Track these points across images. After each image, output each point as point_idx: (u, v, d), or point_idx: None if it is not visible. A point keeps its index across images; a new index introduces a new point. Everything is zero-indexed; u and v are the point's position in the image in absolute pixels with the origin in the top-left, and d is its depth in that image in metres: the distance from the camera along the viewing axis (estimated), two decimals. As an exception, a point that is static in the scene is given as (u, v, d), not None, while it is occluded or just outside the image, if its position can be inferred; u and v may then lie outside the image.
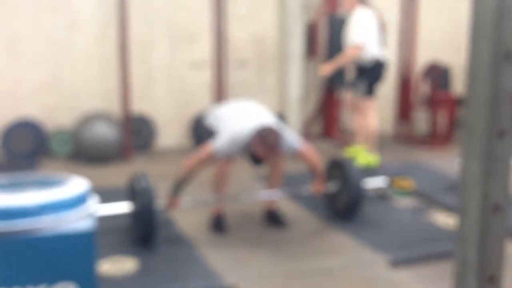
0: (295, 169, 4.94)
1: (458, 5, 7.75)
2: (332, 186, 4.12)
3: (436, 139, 6.76)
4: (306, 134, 7.25)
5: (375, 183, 4.55)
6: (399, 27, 7.14)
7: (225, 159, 3.73)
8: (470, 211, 1.10)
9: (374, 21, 5.55)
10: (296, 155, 3.84)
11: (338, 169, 4.13)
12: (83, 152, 5.87)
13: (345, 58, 5.56)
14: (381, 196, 4.68)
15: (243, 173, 5.23)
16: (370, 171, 5.15)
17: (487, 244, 1.09)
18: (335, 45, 6.94)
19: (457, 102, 6.82)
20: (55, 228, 2.13)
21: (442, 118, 6.86)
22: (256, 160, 4.02)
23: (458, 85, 7.33)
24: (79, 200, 2.26)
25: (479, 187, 1.07)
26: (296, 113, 7.05)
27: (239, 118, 3.76)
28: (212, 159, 3.69)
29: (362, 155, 5.70)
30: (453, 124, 6.80)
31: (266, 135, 3.50)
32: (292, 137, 3.80)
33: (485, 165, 1.07)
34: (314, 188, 3.98)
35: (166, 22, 6.49)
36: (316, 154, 3.91)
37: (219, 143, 3.64)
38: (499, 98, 1.05)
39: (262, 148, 3.52)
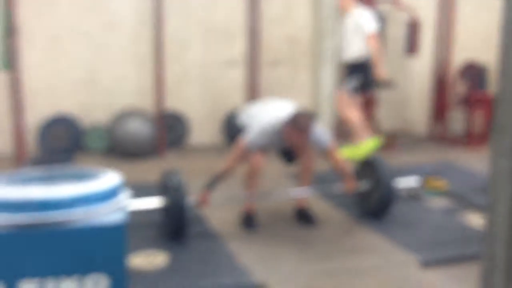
0: (326, 168, 4.91)
1: (496, 4, 7.56)
2: (363, 185, 4.08)
3: (472, 139, 6.62)
4: (339, 133, 7.20)
5: (407, 182, 4.48)
6: (436, 26, 7.01)
7: (257, 153, 3.73)
8: (498, 208, 1.07)
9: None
10: (326, 151, 3.83)
11: (369, 167, 4.09)
12: (118, 148, 5.97)
13: (376, 51, 5.49)
14: (413, 196, 4.61)
15: (275, 171, 5.23)
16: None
17: (517, 242, 1.06)
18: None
19: (494, 102, 6.67)
20: (87, 220, 2.17)
21: (479, 118, 6.71)
22: (289, 156, 4.03)
23: (496, 85, 7.17)
24: (111, 194, 2.30)
25: (508, 184, 1.05)
26: (329, 112, 7.01)
27: (270, 112, 3.81)
28: (246, 153, 3.71)
29: (362, 147, 5.62)
30: (489, 124, 6.64)
31: (298, 118, 3.55)
32: (324, 132, 3.82)
33: (515, 162, 1.04)
34: (346, 186, 3.95)
35: (201, 21, 6.54)
36: (340, 156, 3.91)
37: (250, 135, 3.69)
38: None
39: (294, 132, 3.55)
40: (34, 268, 2.13)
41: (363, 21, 5.47)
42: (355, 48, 5.53)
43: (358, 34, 5.48)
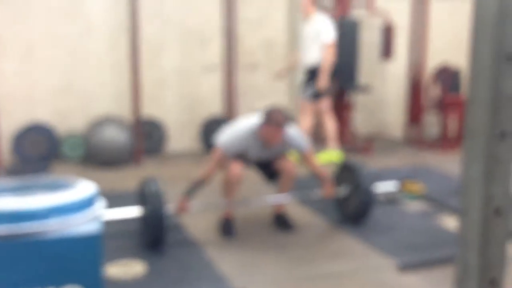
0: (304, 173, 4.92)
1: (467, 8, 7.69)
2: (342, 190, 4.10)
3: (446, 142, 6.70)
4: (316, 137, 7.23)
5: (385, 187, 4.52)
6: (410, 31, 7.10)
7: (235, 163, 3.72)
8: (471, 214, 1.08)
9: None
10: (303, 155, 3.84)
11: (348, 173, 4.10)
12: (94, 156, 5.90)
13: (329, 61, 5.57)
14: (390, 200, 4.65)
15: (254, 177, 5.22)
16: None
17: (489, 247, 1.07)
18: (346, 48, 6.92)
19: (465, 107, 6.77)
20: (62, 231, 2.14)
21: (453, 121, 6.80)
22: (269, 172, 4.00)
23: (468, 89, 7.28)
24: (86, 203, 2.26)
25: (481, 190, 1.06)
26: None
27: (243, 121, 3.86)
28: (223, 158, 3.69)
29: (328, 154, 5.75)
30: (463, 127, 6.74)
31: (272, 113, 3.59)
32: (301, 136, 3.83)
33: (486, 167, 1.05)
34: (324, 191, 3.96)
35: (177, 26, 6.51)
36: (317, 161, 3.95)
37: (225, 140, 3.71)
38: (500, 100, 1.03)
39: (269, 129, 3.57)
40: (8, 280, 2.08)
41: (323, 29, 5.56)
42: (314, 54, 5.63)
43: (317, 41, 5.56)
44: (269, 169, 4.00)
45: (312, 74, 5.71)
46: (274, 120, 3.56)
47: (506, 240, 1.13)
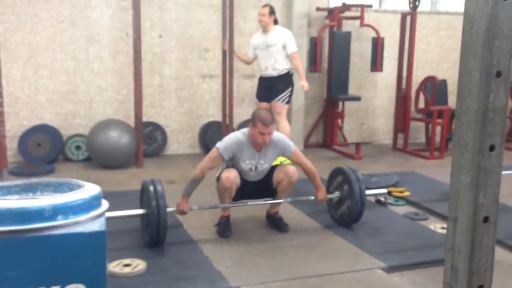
0: (299, 176, 4.91)
1: (453, 22, 7.75)
2: (334, 194, 4.09)
3: (432, 150, 6.72)
4: (308, 143, 7.24)
5: (375, 192, 4.52)
6: (399, 43, 7.14)
7: (230, 170, 3.70)
8: (460, 222, 1.08)
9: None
10: (294, 156, 3.83)
11: (341, 177, 4.10)
12: (97, 158, 5.88)
13: (301, 67, 5.79)
14: (380, 204, 4.65)
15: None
16: None
17: (478, 254, 1.07)
18: (337, 59, 6.95)
19: (455, 120, 6.79)
20: (67, 231, 2.12)
21: (439, 130, 6.82)
22: (269, 191, 3.97)
23: (455, 99, 7.31)
24: (90, 204, 2.25)
25: (470, 200, 1.06)
26: (299, 123, 7.05)
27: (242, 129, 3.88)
28: (218, 159, 3.69)
29: None
30: (448, 136, 6.76)
31: (258, 114, 3.68)
32: (287, 139, 3.87)
33: (475, 178, 1.05)
34: (317, 195, 3.96)
35: (178, 35, 6.52)
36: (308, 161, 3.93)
37: (222, 143, 3.73)
38: (489, 114, 1.03)
39: (257, 128, 3.60)
40: (13, 279, 2.06)
41: (288, 40, 5.69)
42: (283, 63, 5.70)
43: (283, 51, 5.68)
44: (269, 187, 3.94)
45: (285, 80, 5.76)
46: (261, 119, 3.60)
47: (494, 247, 1.13)
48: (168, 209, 3.59)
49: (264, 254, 3.53)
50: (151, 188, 3.54)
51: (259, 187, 3.91)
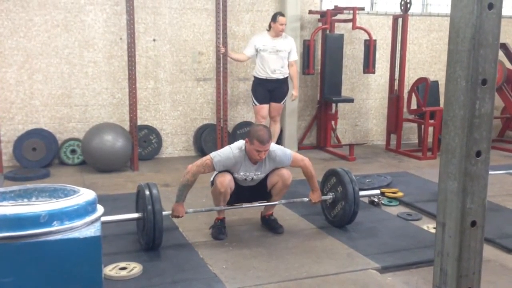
0: (293, 178, 4.92)
1: (444, 24, 7.79)
2: (328, 196, 4.11)
3: (424, 150, 6.75)
4: (302, 145, 7.26)
5: (368, 192, 4.54)
6: (391, 45, 7.17)
7: (225, 174, 3.71)
8: (448, 226, 1.09)
9: None
10: (291, 164, 3.84)
11: (335, 179, 4.11)
12: (92, 162, 5.87)
13: (297, 76, 6.23)
14: (373, 204, 4.67)
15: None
16: None
17: (466, 258, 1.09)
18: (330, 61, 6.97)
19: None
20: (62, 236, 2.13)
21: (430, 130, 6.86)
22: (264, 193, 3.97)
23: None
24: (86, 209, 2.26)
25: (458, 204, 1.07)
26: (292, 126, 7.06)
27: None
28: (209, 167, 3.69)
29: None
30: (439, 137, 6.79)
31: (256, 131, 3.61)
32: (283, 151, 3.84)
33: (463, 183, 1.07)
34: (311, 197, 3.97)
35: (172, 40, 6.52)
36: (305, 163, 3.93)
37: (217, 156, 3.69)
38: (475, 121, 1.05)
39: (253, 146, 3.57)
40: (9, 285, 2.06)
41: (293, 48, 6.06)
42: (287, 68, 6.02)
43: (286, 57, 5.98)
44: (264, 191, 3.95)
45: (287, 84, 6.10)
46: (258, 137, 3.55)
47: (482, 250, 1.14)
48: (164, 213, 3.59)
49: (259, 256, 3.54)
50: (147, 192, 3.54)
51: (254, 191, 3.92)
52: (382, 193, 4.84)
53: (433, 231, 4.02)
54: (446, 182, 1.10)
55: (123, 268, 3.26)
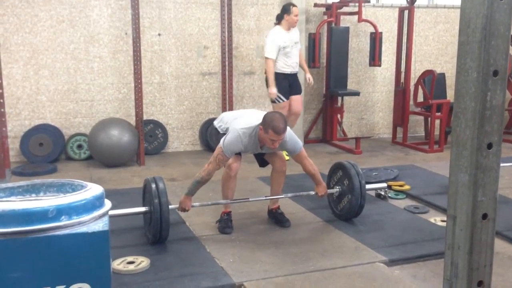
0: (299, 171, 4.90)
1: (450, 15, 7.73)
2: (335, 189, 4.10)
3: (431, 143, 6.72)
4: (308, 138, 7.24)
5: (374, 185, 4.53)
6: (397, 37, 7.12)
7: (233, 158, 3.72)
8: (459, 220, 1.08)
9: None
10: (297, 156, 3.83)
11: (341, 172, 4.11)
12: (99, 156, 5.88)
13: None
14: (380, 197, 4.66)
15: (249, 173, 5.23)
16: None
17: (477, 251, 1.08)
18: (335, 54, 6.94)
19: (452, 108, 6.78)
20: (70, 231, 2.13)
21: (438, 123, 6.82)
22: (261, 161, 4.03)
23: (454, 92, 7.30)
24: (93, 204, 2.26)
25: (469, 197, 1.06)
26: (299, 119, 7.03)
27: (244, 119, 3.79)
28: (224, 160, 3.68)
29: None
30: (447, 129, 6.76)
31: (273, 120, 3.49)
32: (295, 139, 3.81)
33: (474, 176, 1.06)
34: (317, 190, 3.96)
35: (177, 34, 6.51)
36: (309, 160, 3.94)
37: (226, 141, 3.66)
38: (487, 113, 1.04)
39: (268, 135, 3.51)
40: (18, 280, 2.07)
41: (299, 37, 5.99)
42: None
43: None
44: (261, 158, 4.05)
45: (297, 77, 6.02)
46: (274, 127, 3.47)
47: (494, 244, 1.13)
48: (171, 206, 3.60)
49: (266, 250, 3.54)
50: (153, 185, 3.54)
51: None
52: (389, 186, 4.82)
53: (441, 224, 4.01)
54: (457, 175, 1.09)
55: (131, 262, 3.27)
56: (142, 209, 3.70)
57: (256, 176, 5.21)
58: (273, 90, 5.71)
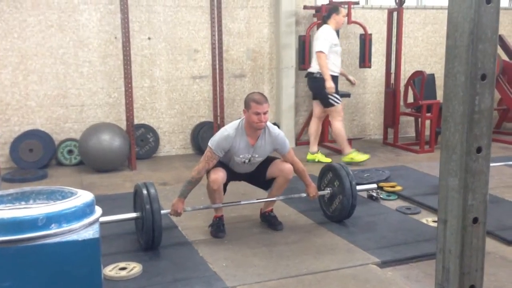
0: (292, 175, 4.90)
1: (439, 16, 7.78)
2: (326, 191, 4.10)
3: (422, 144, 6.74)
4: (299, 141, 7.25)
5: (366, 186, 4.53)
6: (386, 40, 7.15)
7: (218, 169, 3.69)
8: (450, 224, 1.08)
9: None
10: (287, 154, 3.83)
11: (331, 174, 4.11)
12: (90, 162, 5.85)
13: None
14: (372, 199, 4.67)
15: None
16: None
17: (468, 255, 1.08)
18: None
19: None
20: (60, 239, 2.11)
21: (428, 124, 6.85)
22: (263, 183, 3.99)
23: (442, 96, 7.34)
24: (84, 211, 2.24)
25: (459, 201, 1.06)
26: (289, 121, 7.05)
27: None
28: (213, 158, 3.66)
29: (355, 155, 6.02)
30: (437, 130, 6.79)
31: (250, 95, 3.67)
32: (284, 137, 3.84)
33: (464, 180, 1.06)
34: (308, 192, 3.96)
35: (167, 38, 6.49)
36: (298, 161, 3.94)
37: (214, 141, 3.68)
38: (475, 117, 1.04)
39: (252, 107, 3.56)
40: (10, 287, 2.05)
41: None
42: None
43: None
44: (262, 179, 3.96)
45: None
46: (254, 99, 3.59)
47: (485, 247, 1.13)
48: (162, 211, 3.58)
49: (259, 253, 3.53)
50: (144, 191, 3.52)
51: (252, 177, 3.94)
52: (381, 187, 4.83)
53: (432, 224, 4.02)
54: (447, 179, 1.08)
55: (123, 268, 3.25)
56: (134, 214, 3.68)
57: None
58: (331, 84, 5.68)
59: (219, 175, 3.69)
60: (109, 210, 3.87)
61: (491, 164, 1.16)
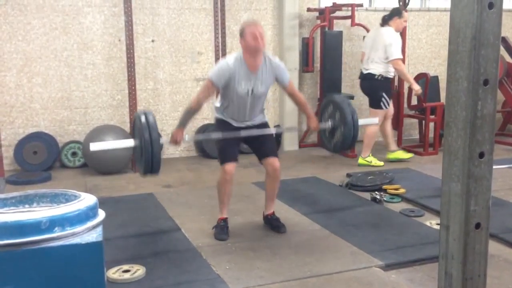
0: (295, 176, 4.90)
1: (443, 19, 7.76)
2: (328, 124, 4.02)
3: (426, 146, 6.73)
4: (303, 143, 7.24)
5: (366, 120, 4.44)
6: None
7: (230, 163, 3.71)
8: (452, 230, 1.08)
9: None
10: (289, 85, 3.85)
11: (332, 106, 4.04)
12: (94, 164, 5.86)
13: None
14: (375, 201, 4.66)
15: (244, 178, 5.22)
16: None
17: (471, 261, 1.08)
18: (329, 58, 6.95)
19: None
20: (64, 242, 2.11)
21: (432, 126, 6.83)
22: (260, 154, 3.94)
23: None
24: (87, 214, 2.24)
25: (462, 207, 1.06)
26: (292, 123, 7.04)
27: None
28: (212, 87, 3.68)
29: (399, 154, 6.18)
30: (440, 133, 6.77)
31: (245, 21, 3.75)
32: (284, 68, 3.84)
33: (466, 185, 1.06)
34: (310, 124, 3.97)
35: (171, 40, 6.50)
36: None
37: (213, 71, 3.69)
38: (478, 122, 1.03)
39: (246, 31, 3.57)
40: (13, 290, 2.05)
41: None
42: None
43: None
44: (259, 151, 3.95)
45: None
46: (247, 23, 3.65)
47: (487, 253, 1.13)
48: (162, 140, 3.62)
49: (263, 256, 3.53)
50: (143, 119, 3.49)
51: (255, 140, 3.91)
52: (385, 190, 4.82)
53: (436, 227, 4.01)
54: (450, 184, 1.08)
55: (126, 271, 3.25)
56: (132, 143, 3.65)
57: (252, 181, 5.20)
58: (418, 86, 5.83)
59: (231, 167, 3.74)
60: (113, 212, 3.89)
61: (494, 167, 1.16)
